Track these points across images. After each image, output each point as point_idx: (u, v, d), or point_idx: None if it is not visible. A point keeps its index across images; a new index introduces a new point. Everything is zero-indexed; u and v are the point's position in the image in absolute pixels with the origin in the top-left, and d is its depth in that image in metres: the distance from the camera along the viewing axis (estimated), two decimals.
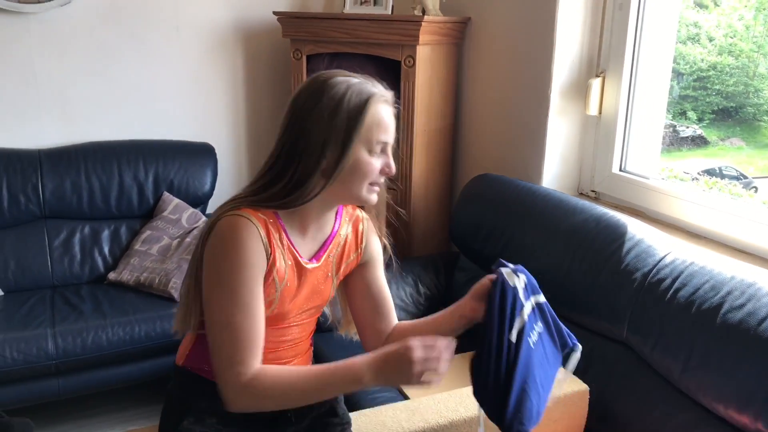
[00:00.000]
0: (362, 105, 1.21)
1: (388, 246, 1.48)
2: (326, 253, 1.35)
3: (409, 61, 2.56)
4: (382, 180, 1.28)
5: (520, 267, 1.28)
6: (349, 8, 2.83)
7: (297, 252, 1.28)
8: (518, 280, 1.24)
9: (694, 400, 1.53)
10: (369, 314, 1.43)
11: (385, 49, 2.61)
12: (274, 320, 1.30)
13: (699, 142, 2.48)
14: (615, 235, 1.85)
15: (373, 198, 1.29)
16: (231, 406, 1.17)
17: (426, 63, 2.61)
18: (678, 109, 2.48)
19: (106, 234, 2.77)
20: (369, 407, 1.60)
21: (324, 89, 1.23)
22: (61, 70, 2.81)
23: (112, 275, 2.67)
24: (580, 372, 1.71)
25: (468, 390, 1.62)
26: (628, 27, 2.24)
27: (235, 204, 1.24)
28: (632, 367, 1.72)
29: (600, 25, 2.35)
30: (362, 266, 1.43)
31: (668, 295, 1.60)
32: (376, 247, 1.45)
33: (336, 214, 1.38)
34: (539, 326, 1.27)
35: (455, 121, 2.92)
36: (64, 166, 2.71)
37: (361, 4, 2.81)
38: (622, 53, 2.27)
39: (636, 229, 1.84)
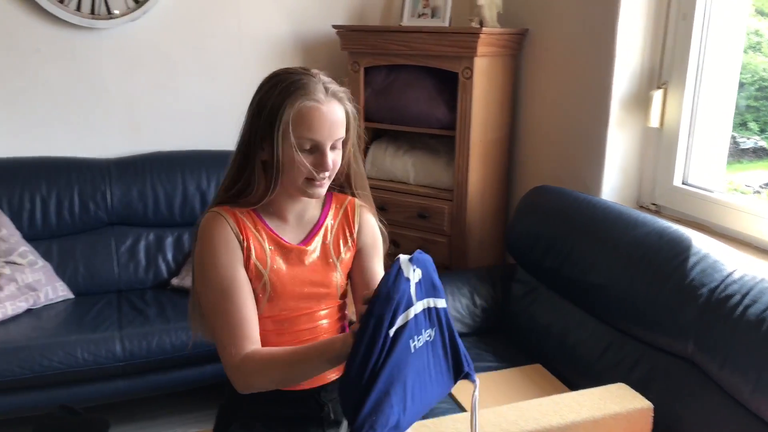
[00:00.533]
0: (280, 104, 1.24)
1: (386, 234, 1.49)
2: (318, 237, 1.39)
3: (466, 73, 2.57)
4: (322, 175, 1.29)
5: (424, 258, 1.12)
6: (407, 21, 2.86)
7: (279, 236, 1.35)
8: (413, 273, 1.08)
9: (765, 421, 1.49)
10: (360, 305, 1.43)
11: (443, 60, 2.63)
12: (276, 307, 1.35)
13: (761, 153, 2.41)
14: (679, 249, 1.82)
15: (316, 192, 1.32)
16: (234, 386, 1.26)
17: (483, 74, 2.61)
18: (739, 120, 2.42)
19: (169, 241, 2.86)
20: (428, 418, 1.61)
21: (260, 87, 1.30)
22: (130, 82, 2.93)
23: (175, 281, 2.76)
24: (642, 388, 1.69)
25: (529, 403, 1.62)
26: (692, 37, 2.21)
27: (211, 205, 1.37)
28: (698, 384, 1.68)
29: (662, 35, 2.32)
30: (357, 254, 1.44)
31: (737, 312, 1.57)
32: (371, 236, 1.45)
33: (326, 201, 1.43)
34: (430, 333, 1.13)
35: (511, 132, 2.92)
36: (131, 175, 2.82)
37: (419, 16, 2.84)
38: (685, 64, 2.24)
39: (701, 243, 1.81)
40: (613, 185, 2.46)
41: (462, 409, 1.92)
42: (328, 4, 3.14)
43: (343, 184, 1.45)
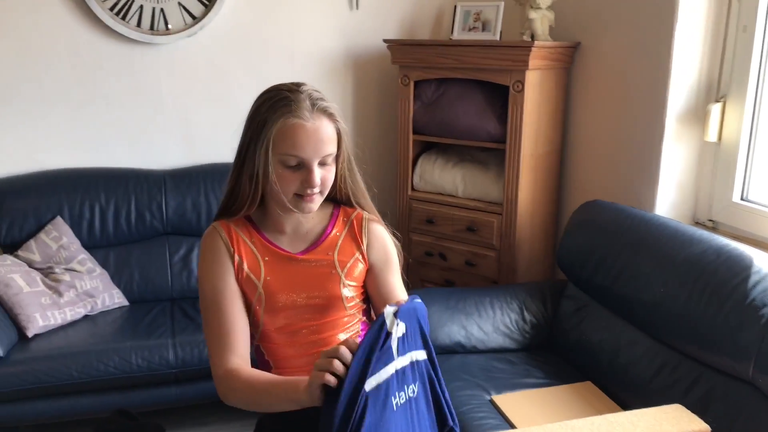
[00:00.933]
0: (265, 121, 1.27)
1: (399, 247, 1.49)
2: (320, 249, 1.39)
3: (517, 86, 2.56)
4: (310, 191, 1.31)
5: (412, 308, 1.08)
6: (457, 35, 2.87)
7: (275, 246, 1.38)
8: (396, 327, 1.04)
9: None
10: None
11: (493, 74, 2.63)
12: (277, 318, 1.36)
13: None
14: (739, 267, 1.77)
15: (306, 207, 1.33)
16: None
17: (534, 88, 2.60)
18: None
19: None
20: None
21: (253, 103, 1.34)
22: (185, 96, 3.01)
23: None
24: (699, 410, 1.64)
25: (581, 422, 1.59)
26: (753, 49, 2.15)
27: (214, 218, 1.43)
28: (759, 408, 1.62)
29: (721, 47, 2.27)
30: (370, 269, 1.44)
31: None
32: (382, 249, 1.45)
33: (332, 214, 1.44)
34: (413, 389, 1.09)
35: (562, 146, 2.89)
36: (185, 186, 2.89)
37: (470, 30, 2.85)
38: (746, 76, 2.18)
39: (763, 261, 1.75)
40: (667, 201, 2.40)
41: (512, 426, 1.90)
42: (379, 19, 3.18)
43: (341, 200, 1.46)
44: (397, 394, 1.07)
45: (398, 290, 1.43)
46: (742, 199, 2.26)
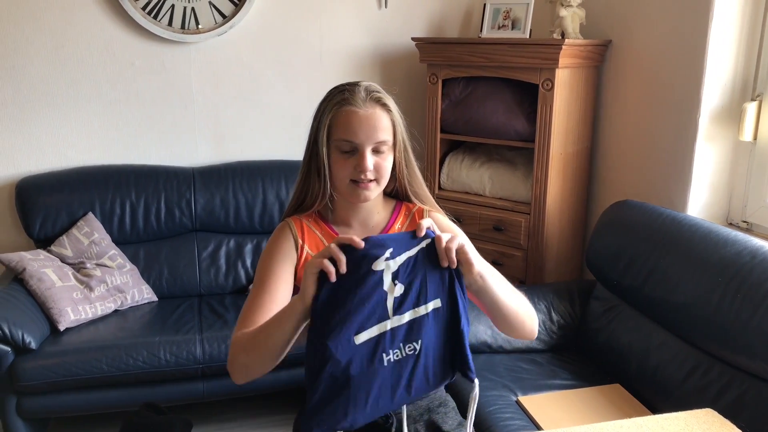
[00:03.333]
0: (323, 111, 1.35)
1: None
2: None
3: (547, 85, 2.54)
4: (363, 177, 1.33)
5: (416, 259, 1.10)
6: (487, 33, 2.85)
7: None
8: (395, 287, 1.08)
9: None
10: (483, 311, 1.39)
11: (523, 72, 2.60)
12: None
13: None
14: None
15: (362, 195, 1.35)
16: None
17: (564, 86, 2.57)
18: None
19: (249, 248, 2.94)
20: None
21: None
22: (215, 94, 3.04)
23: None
24: (731, 415, 1.60)
25: (610, 425, 1.56)
26: None
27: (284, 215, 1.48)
28: None
29: (758, 45, 2.21)
30: None
31: None
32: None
33: (394, 208, 1.47)
34: (412, 347, 1.10)
35: (592, 145, 2.85)
36: (214, 183, 2.92)
37: (499, 28, 2.83)
38: None
39: None
40: (700, 201, 2.36)
41: (538, 427, 1.88)
42: (407, 18, 3.17)
43: (400, 191, 1.47)
44: (391, 351, 1.08)
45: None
46: None
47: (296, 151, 3.12)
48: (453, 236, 1.15)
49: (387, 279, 1.08)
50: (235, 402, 2.75)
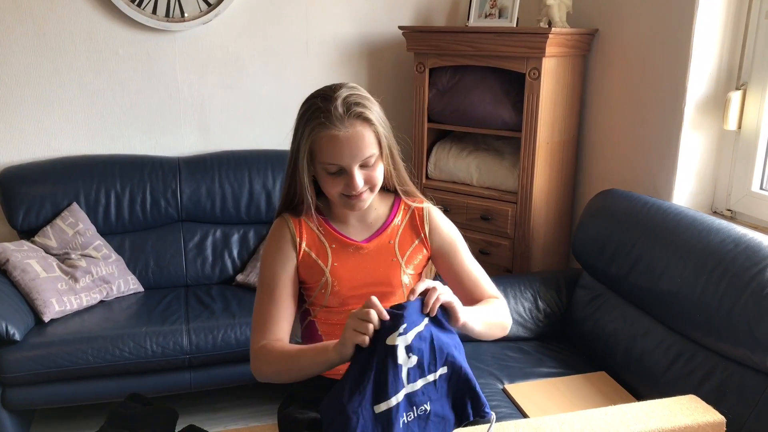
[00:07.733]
0: (302, 134, 1.32)
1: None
2: (382, 237, 1.45)
3: (533, 74, 2.53)
4: (355, 193, 1.34)
5: (425, 336, 1.16)
6: (474, 21, 2.84)
7: (342, 234, 1.44)
8: (408, 360, 1.14)
9: None
10: (463, 300, 1.41)
11: (510, 61, 2.60)
12: (339, 299, 1.42)
13: None
14: (757, 257, 1.74)
15: (356, 206, 1.37)
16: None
17: (551, 75, 2.57)
18: None
19: (235, 238, 2.93)
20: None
21: (298, 111, 1.37)
22: (200, 83, 3.01)
23: (240, 277, 2.82)
24: (714, 401, 1.62)
25: (594, 412, 1.58)
26: None
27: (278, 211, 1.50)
28: None
29: (743, 34, 2.22)
30: (439, 256, 1.49)
31: None
32: (446, 234, 1.49)
33: (393, 204, 1.49)
34: (424, 408, 1.17)
35: (579, 134, 2.86)
36: (200, 173, 2.90)
37: (486, 17, 2.82)
38: (767, 64, 2.14)
39: None
40: (685, 190, 2.37)
41: (525, 415, 1.89)
42: (394, 6, 3.15)
43: (392, 190, 1.50)
44: (404, 414, 1.15)
45: (475, 272, 1.48)
46: (761, 188, 2.22)
47: (283, 141, 3.10)
48: (440, 294, 1.19)
49: (402, 354, 1.13)
50: (222, 392, 2.75)
